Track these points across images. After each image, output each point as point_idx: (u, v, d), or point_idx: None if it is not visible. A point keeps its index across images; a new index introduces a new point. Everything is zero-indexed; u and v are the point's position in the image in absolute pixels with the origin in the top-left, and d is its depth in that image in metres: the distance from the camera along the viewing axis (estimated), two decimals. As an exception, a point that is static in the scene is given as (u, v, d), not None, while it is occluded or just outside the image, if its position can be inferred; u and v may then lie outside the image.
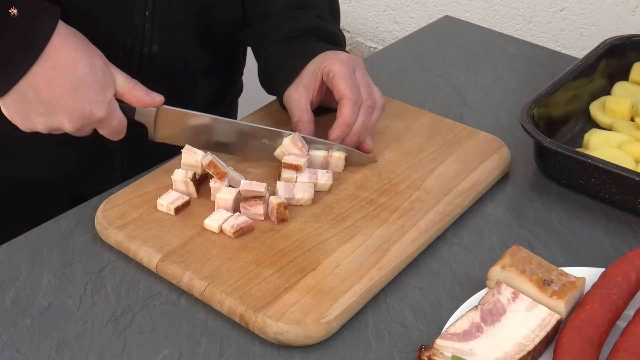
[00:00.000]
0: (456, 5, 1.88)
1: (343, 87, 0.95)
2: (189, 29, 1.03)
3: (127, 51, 0.97)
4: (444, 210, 0.90)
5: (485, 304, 0.75)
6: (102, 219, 0.87)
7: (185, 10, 1.00)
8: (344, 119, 0.94)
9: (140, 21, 0.96)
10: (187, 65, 1.06)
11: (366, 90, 0.97)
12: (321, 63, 0.98)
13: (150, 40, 0.98)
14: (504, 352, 0.71)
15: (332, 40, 1.05)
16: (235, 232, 0.85)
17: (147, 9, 0.96)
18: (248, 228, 0.86)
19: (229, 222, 0.86)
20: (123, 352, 0.75)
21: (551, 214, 0.94)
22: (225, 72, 1.17)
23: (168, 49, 1.00)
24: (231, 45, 1.14)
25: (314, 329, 0.75)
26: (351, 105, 0.94)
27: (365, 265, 0.82)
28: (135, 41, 0.97)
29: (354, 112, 0.95)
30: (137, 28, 0.96)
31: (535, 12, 1.76)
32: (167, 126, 0.95)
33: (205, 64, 1.10)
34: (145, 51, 0.98)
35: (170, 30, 1.00)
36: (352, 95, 0.94)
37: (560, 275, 0.77)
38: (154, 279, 0.83)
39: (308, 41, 1.03)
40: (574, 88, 1.08)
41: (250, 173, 0.95)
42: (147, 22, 0.97)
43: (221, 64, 1.14)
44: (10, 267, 0.84)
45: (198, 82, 1.10)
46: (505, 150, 1.01)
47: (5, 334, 0.76)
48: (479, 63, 1.28)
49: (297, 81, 1.00)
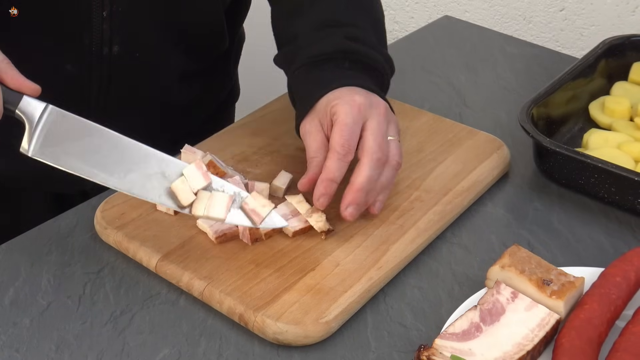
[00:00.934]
0: (456, 5, 1.88)
1: (334, 137, 0.84)
2: (156, 31, 1.00)
3: (84, 50, 0.96)
4: (444, 210, 0.90)
5: (484, 304, 0.75)
6: (102, 219, 0.87)
7: (149, 12, 0.98)
8: (327, 173, 0.83)
9: (98, 22, 0.95)
10: (157, 68, 1.04)
11: (377, 143, 0.84)
12: (332, 101, 0.87)
13: (110, 41, 0.96)
14: (503, 352, 0.71)
15: (369, 66, 0.94)
16: (217, 237, 0.84)
17: (105, 10, 0.94)
18: (232, 235, 0.85)
19: (213, 226, 0.84)
20: (122, 352, 0.75)
21: (550, 214, 0.94)
22: (211, 77, 1.14)
23: (130, 50, 0.99)
24: (217, 50, 1.11)
25: (313, 329, 0.75)
26: (336, 160, 0.83)
27: (364, 265, 0.82)
28: (94, 41, 0.96)
29: (340, 167, 0.83)
30: (95, 28, 0.95)
31: (535, 12, 1.76)
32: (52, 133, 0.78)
33: (183, 68, 1.07)
34: (105, 52, 0.97)
35: (132, 31, 0.98)
36: (341, 149, 0.83)
37: (559, 275, 0.77)
38: (153, 278, 0.83)
39: (336, 68, 0.92)
40: (574, 88, 1.08)
41: (250, 173, 0.95)
42: (104, 22, 0.95)
43: (205, 69, 1.11)
44: (10, 267, 0.84)
45: (173, 86, 1.07)
46: (504, 150, 1.01)
47: (5, 333, 0.76)
48: (479, 63, 1.28)
49: (314, 113, 0.89)
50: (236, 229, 0.85)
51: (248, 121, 1.05)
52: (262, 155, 0.98)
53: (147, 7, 0.98)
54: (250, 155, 0.98)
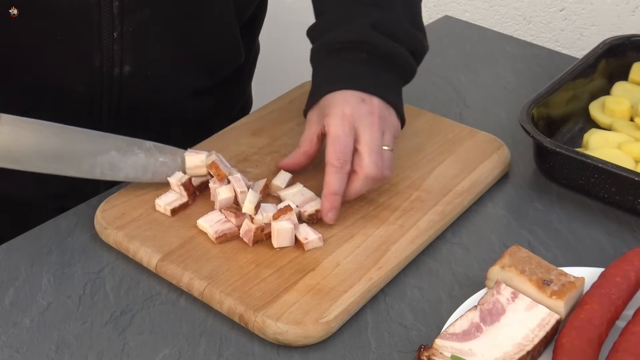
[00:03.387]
0: (456, 5, 1.88)
1: (328, 151, 0.86)
2: (169, 49, 1.00)
3: (95, 72, 0.96)
4: (444, 210, 0.90)
5: (484, 304, 0.75)
6: (102, 219, 0.87)
7: (161, 32, 0.97)
8: (328, 188, 0.85)
9: (108, 42, 0.94)
10: (169, 85, 1.03)
11: (373, 161, 0.86)
12: (325, 108, 0.89)
13: (121, 61, 0.96)
14: (503, 352, 0.71)
15: (388, 59, 0.92)
16: (218, 237, 0.84)
17: (115, 31, 0.93)
18: (232, 235, 0.84)
19: (213, 226, 0.84)
20: (122, 352, 0.75)
21: (551, 214, 0.94)
22: (224, 92, 1.13)
23: (142, 70, 0.98)
24: (232, 65, 1.10)
25: (314, 329, 0.75)
26: (334, 173, 0.85)
27: (364, 265, 0.82)
28: (105, 62, 0.95)
29: (339, 179, 0.85)
30: (106, 49, 0.94)
31: (535, 12, 1.76)
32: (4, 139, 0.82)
33: (196, 85, 1.06)
34: (116, 72, 0.96)
35: (144, 51, 0.97)
36: (337, 162, 0.85)
37: (559, 275, 0.77)
38: (153, 279, 0.83)
39: (352, 58, 0.91)
40: (574, 88, 1.08)
41: (249, 173, 0.95)
42: (115, 43, 0.94)
43: (219, 84, 1.10)
44: (10, 267, 0.84)
45: (185, 103, 1.06)
46: (504, 150, 1.01)
47: (5, 334, 0.76)
48: (479, 63, 1.28)
49: (317, 106, 0.91)
50: (236, 229, 0.85)
51: (248, 121, 1.05)
52: (262, 155, 0.98)
53: (159, 27, 0.97)
54: (250, 155, 0.98)
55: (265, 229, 0.84)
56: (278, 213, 0.84)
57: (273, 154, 0.98)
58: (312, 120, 0.92)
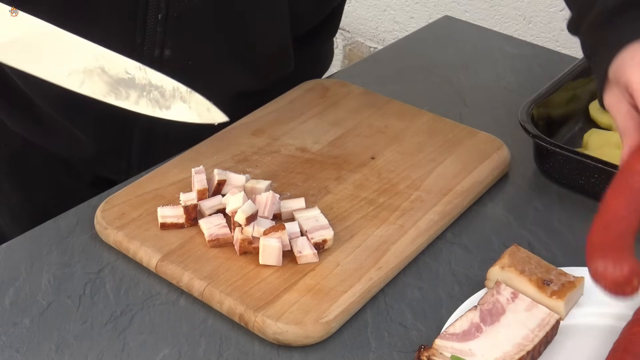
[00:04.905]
0: (456, 5, 1.88)
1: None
2: (214, 42, 1.00)
3: (136, 50, 0.97)
4: (444, 210, 0.90)
5: (484, 304, 0.75)
6: (102, 219, 0.87)
7: (207, 21, 0.98)
8: None
9: (152, 23, 0.95)
10: (210, 81, 1.01)
11: None
12: (620, 65, 0.76)
13: (162, 44, 0.97)
14: (503, 352, 0.71)
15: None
16: (210, 241, 0.83)
17: (160, 13, 0.95)
18: (225, 240, 0.83)
19: (210, 229, 0.84)
20: (122, 352, 0.75)
21: (551, 214, 0.94)
22: (266, 99, 1.09)
23: (182, 57, 0.98)
24: (280, 72, 1.09)
25: (314, 329, 0.75)
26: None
27: (364, 265, 0.82)
28: (146, 42, 0.97)
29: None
30: (149, 29, 0.96)
31: (535, 12, 1.76)
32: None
33: (239, 87, 1.05)
34: (156, 53, 0.97)
35: (187, 37, 0.98)
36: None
37: (559, 275, 0.77)
38: (153, 279, 0.83)
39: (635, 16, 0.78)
40: (574, 88, 1.08)
41: (249, 173, 0.95)
42: (159, 25, 0.96)
43: (262, 90, 1.08)
44: (10, 267, 0.84)
45: (224, 104, 0.96)
46: (504, 150, 1.01)
47: (5, 334, 0.76)
48: (479, 63, 1.28)
49: (609, 83, 0.79)
50: (230, 235, 0.84)
51: (248, 121, 1.05)
52: (262, 155, 0.98)
53: (206, 16, 0.97)
54: (250, 155, 0.98)
55: (254, 242, 0.82)
56: (269, 229, 0.82)
57: (273, 154, 0.98)
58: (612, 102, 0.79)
